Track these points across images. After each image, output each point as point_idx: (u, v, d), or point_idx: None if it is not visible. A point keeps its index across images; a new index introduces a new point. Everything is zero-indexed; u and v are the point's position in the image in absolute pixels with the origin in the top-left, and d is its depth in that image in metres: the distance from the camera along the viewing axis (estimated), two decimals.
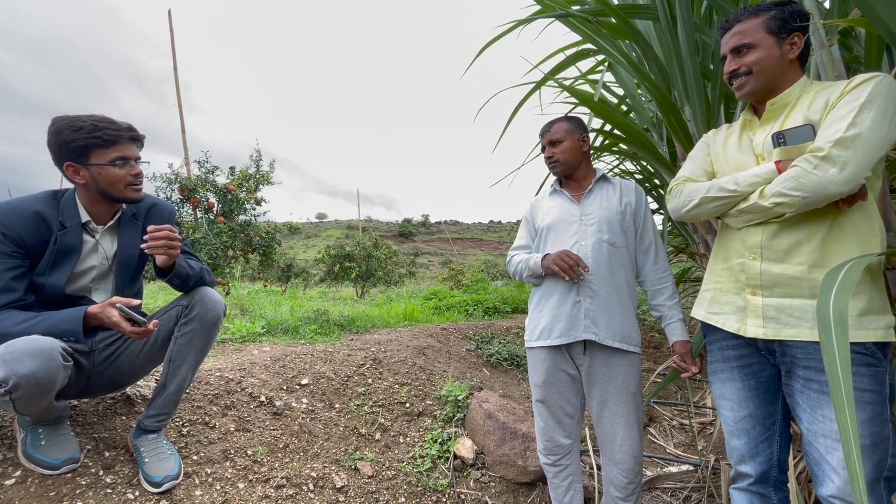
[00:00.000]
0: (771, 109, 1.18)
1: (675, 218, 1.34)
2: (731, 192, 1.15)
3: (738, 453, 1.23)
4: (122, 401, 1.74)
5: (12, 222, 1.29)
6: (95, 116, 1.35)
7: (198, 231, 4.44)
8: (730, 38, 1.20)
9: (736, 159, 1.24)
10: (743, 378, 1.22)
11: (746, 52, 1.16)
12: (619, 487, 1.54)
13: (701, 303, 1.33)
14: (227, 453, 1.69)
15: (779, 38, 1.14)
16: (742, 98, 1.22)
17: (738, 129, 1.29)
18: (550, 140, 1.65)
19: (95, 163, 1.34)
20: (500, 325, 3.97)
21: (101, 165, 1.34)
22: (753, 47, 1.15)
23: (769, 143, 1.14)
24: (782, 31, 1.13)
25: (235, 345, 2.79)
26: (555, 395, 1.60)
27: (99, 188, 1.37)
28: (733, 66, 1.19)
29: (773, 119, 1.18)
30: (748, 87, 1.18)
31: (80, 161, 1.33)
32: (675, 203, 1.30)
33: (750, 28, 1.16)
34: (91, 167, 1.34)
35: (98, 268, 1.45)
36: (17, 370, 1.09)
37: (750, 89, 1.18)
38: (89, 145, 1.32)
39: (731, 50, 1.19)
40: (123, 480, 1.40)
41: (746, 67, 1.16)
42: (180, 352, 1.48)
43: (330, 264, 10.58)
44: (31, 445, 1.33)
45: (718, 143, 1.32)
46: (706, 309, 1.29)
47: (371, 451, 2.04)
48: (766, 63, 1.14)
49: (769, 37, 1.14)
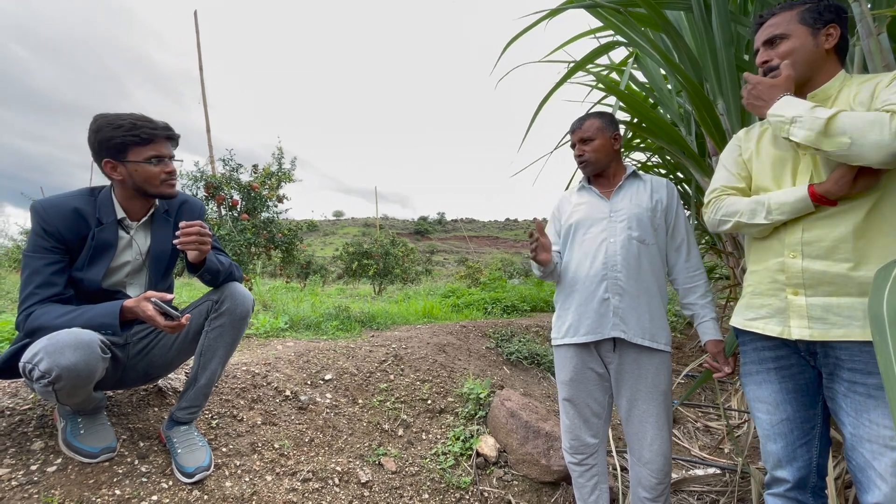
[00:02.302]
0: (813, 101, 1.12)
1: (711, 231, 1.32)
2: (765, 223, 1.13)
3: (775, 458, 1.19)
4: (154, 393, 1.78)
5: (52, 219, 1.33)
6: (135, 115, 1.38)
7: (222, 228, 4.53)
8: (763, 31, 1.18)
9: (773, 154, 1.19)
10: (780, 380, 1.17)
11: (779, 42, 1.14)
12: (648, 488, 1.51)
13: (738, 310, 1.29)
14: (255, 446, 1.71)
15: (813, 29, 1.11)
16: None
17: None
18: (581, 138, 1.61)
19: (132, 160, 1.37)
20: (519, 324, 3.94)
21: (137, 163, 1.38)
22: (786, 37, 1.13)
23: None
24: (817, 23, 1.11)
25: (260, 340, 2.84)
26: (582, 394, 1.58)
27: (135, 184, 1.41)
28: (765, 56, 1.17)
29: None
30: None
31: (118, 158, 1.37)
32: (711, 219, 1.28)
33: (783, 20, 1.14)
34: (128, 164, 1.38)
35: (132, 263, 1.49)
36: (60, 362, 1.13)
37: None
38: (127, 143, 1.35)
39: (764, 42, 1.18)
40: (157, 470, 1.44)
41: (780, 59, 1.14)
42: (210, 345, 1.51)
43: (348, 261, 10.70)
44: (71, 434, 1.37)
45: (752, 141, 1.27)
46: (743, 316, 1.25)
47: (394, 446, 2.05)
48: (799, 53, 1.12)
49: (803, 27, 1.12)
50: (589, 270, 1.54)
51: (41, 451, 1.36)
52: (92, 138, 1.36)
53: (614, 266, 1.51)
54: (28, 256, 1.32)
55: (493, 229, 76.48)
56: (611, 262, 1.51)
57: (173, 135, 1.45)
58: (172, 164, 1.45)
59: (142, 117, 1.39)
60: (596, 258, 1.54)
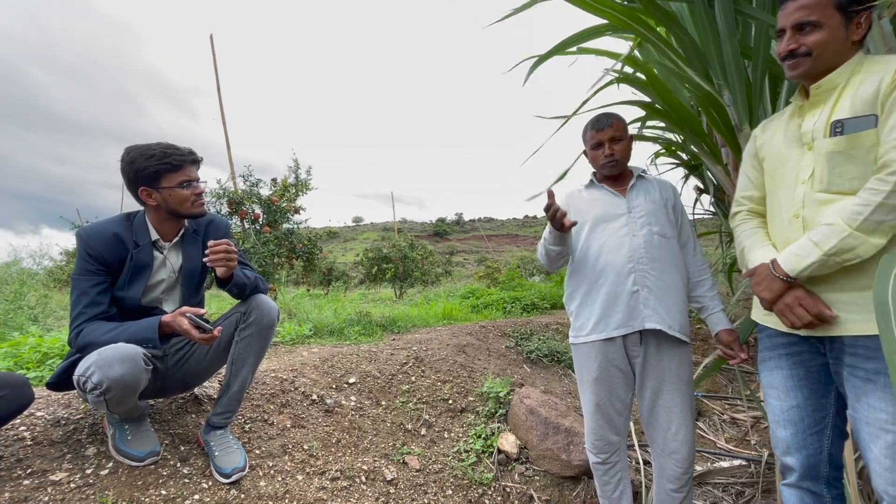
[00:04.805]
0: (818, 92, 1.11)
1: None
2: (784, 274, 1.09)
3: (784, 444, 1.19)
4: (191, 400, 1.91)
5: (95, 244, 1.46)
6: (162, 144, 1.51)
7: (247, 241, 4.72)
8: (794, 11, 1.07)
9: (779, 151, 1.18)
10: (791, 367, 1.18)
11: (811, 30, 1.05)
12: (673, 479, 1.53)
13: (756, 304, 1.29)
14: (286, 448, 1.82)
15: (847, 18, 1.04)
16: (793, 78, 1.13)
17: (787, 115, 1.21)
18: (612, 137, 1.58)
19: (166, 186, 1.49)
20: (538, 322, 3.97)
21: (170, 188, 1.50)
22: (819, 27, 1.04)
23: (819, 129, 1.08)
24: (852, 5, 1.03)
25: (286, 347, 2.96)
26: (606, 393, 1.58)
27: (169, 208, 1.53)
28: (793, 44, 1.08)
29: (822, 103, 1.10)
30: (802, 69, 1.09)
31: (153, 185, 1.49)
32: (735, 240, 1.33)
33: (819, 3, 1.04)
34: (162, 190, 1.50)
35: (167, 281, 1.61)
36: (109, 374, 1.25)
37: (804, 71, 1.09)
38: (160, 171, 1.47)
39: (792, 25, 1.07)
40: (198, 472, 1.55)
41: (807, 48, 1.06)
42: (241, 354, 1.61)
43: (368, 267, 10.87)
44: (120, 440, 1.50)
45: (768, 133, 1.25)
46: (760, 310, 1.26)
47: (417, 445, 2.12)
48: (829, 46, 1.05)
49: (838, 15, 1.03)
50: (615, 264, 1.54)
51: (94, 457, 1.49)
52: (127, 169, 1.48)
53: (640, 259, 1.52)
54: (76, 279, 1.46)
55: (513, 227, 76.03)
56: (636, 255, 1.53)
57: (198, 158, 1.57)
58: (200, 186, 1.57)
59: (169, 146, 1.51)
60: (620, 252, 1.54)
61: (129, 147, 1.50)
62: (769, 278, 1.11)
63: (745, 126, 1.77)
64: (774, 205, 1.22)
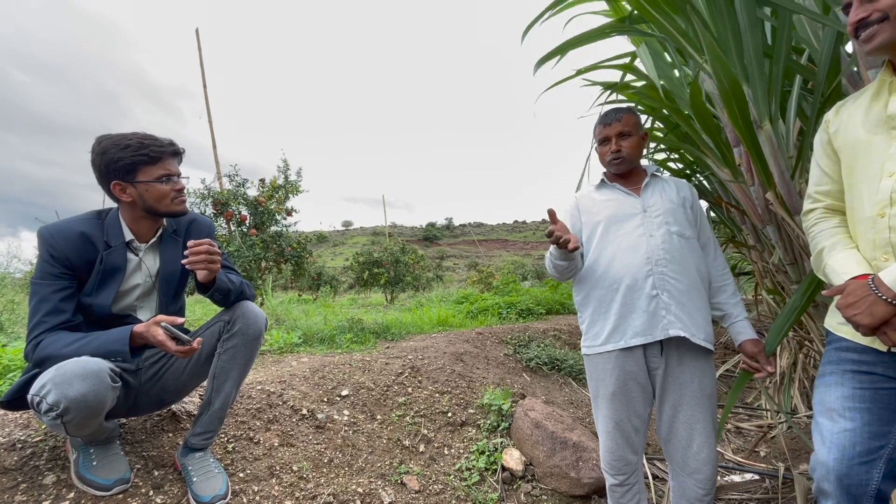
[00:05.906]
0: None
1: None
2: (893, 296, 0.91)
3: (824, 468, 1.03)
4: (168, 418, 1.73)
5: (59, 244, 1.29)
6: (139, 134, 1.35)
7: (231, 244, 4.52)
8: None
9: (859, 138, 1.01)
10: (855, 386, 1.02)
11: None
12: (694, 500, 1.41)
13: (833, 310, 1.12)
14: (273, 469, 1.65)
15: None
16: (871, 53, 0.98)
17: (870, 95, 1.03)
18: (621, 132, 1.49)
19: (142, 180, 1.33)
20: (536, 328, 3.85)
21: (147, 182, 1.34)
22: None
23: None
24: None
25: (274, 356, 2.79)
26: (625, 409, 1.44)
27: (146, 205, 1.37)
28: (862, 13, 0.94)
29: None
30: (881, 38, 0.93)
31: (128, 179, 1.33)
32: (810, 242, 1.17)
33: None
34: (138, 185, 1.34)
35: (142, 286, 1.45)
36: (68, 393, 1.08)
37: (883, 40, 0.93)
38: (136, 163, 1.31)
39: None
40: (173, 500, 1.38)
41: (881, 13, 0.91)
42: (224, 368, 1.45)
43: (359, 271, 10.69)
44: (84, 467, 1.33)
45: (843, 116, 1.07)
46: (835, 318, 1.10)
47: (416, 463, 1.97)
48: None
49: None
50: (631, 266, 1.42)
51: (53, 486, 1.31)
52: (98, 161, 1.32)
53: (659, 261, 1.40)
54: (36, 283, 1.29)
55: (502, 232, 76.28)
56: (654, 256, 1.41)
57: (178, 150, 1.42)
58: (181, 182, 1.42)
59: (147, 136, 1.36)
60: (636, 253, 1.42)
61: (101, 136, 1.34)
62: (870, 300, 0.91)
63: (765, 122, 1.68)
64: (854, 201, 1.05)
